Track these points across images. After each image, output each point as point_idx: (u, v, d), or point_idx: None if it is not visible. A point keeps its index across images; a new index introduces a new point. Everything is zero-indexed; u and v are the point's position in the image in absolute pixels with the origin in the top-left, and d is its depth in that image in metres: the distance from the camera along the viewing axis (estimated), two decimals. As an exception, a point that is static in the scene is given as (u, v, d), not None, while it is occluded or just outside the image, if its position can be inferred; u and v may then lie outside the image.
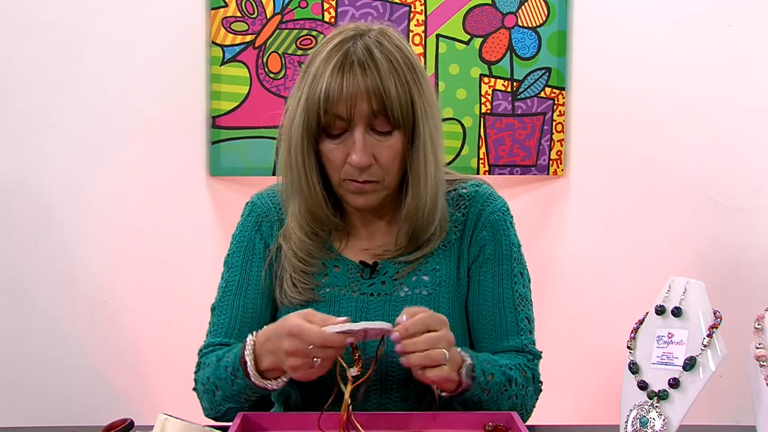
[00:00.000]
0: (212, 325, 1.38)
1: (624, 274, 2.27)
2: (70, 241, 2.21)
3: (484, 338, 1.36)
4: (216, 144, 2.20)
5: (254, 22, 2.18)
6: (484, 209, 1.39)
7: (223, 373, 1.24)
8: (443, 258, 1.37)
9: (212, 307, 1.40)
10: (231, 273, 1.40)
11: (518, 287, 1.38)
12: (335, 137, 1.27)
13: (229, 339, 1.34)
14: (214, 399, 1.28)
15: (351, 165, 1.27)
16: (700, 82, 2.24)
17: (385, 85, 1.24)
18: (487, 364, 1.26)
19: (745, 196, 2.25)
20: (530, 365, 1.35)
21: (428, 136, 1.29)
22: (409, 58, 1.29)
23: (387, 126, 1.26)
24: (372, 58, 1.25)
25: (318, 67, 1.26)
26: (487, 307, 1.36)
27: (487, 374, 1.24)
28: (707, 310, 1.16)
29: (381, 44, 1.27)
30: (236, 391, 1.24)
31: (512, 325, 1.35)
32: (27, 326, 2.21)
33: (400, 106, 1.25)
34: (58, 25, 2.16)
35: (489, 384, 1.24)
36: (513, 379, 1.28)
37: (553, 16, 2.23)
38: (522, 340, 1.35)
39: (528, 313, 1.38)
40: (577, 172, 2.29)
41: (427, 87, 1.31)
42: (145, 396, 2.24)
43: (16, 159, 2.18)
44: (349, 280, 1.36)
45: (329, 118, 1.25)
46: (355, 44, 1.26)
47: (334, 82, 1.23)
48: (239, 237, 1.42)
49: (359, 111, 1.24)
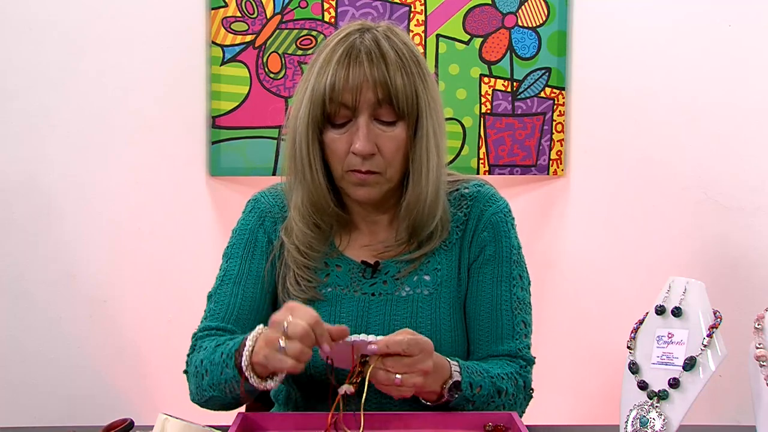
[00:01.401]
0: (208, 310, 1.37)
1: (624, 274, 2.27)
2: (70, 241, 2.21)
3: (480, 340, 1.36)
4: (216, 144, 2.20)
5: (254, 22, 2.18)
6: (485, 210, 1.39)
7: (217, 358, 1.22)
8: (444, 258, 1.37)
9: (209, 294, 1.38)
10: (231, 263, 1.38)
11: (516, 290, 1.38)
12: (339, 126, 1.28)
13: (225, 324, 1.32)
14: (201, 383, 1.26)
15: (354, 153, 1.27)
16: (700, 82, 2.24)
17: (391, 74, 1.25)
18: (477, 375, 1.26)
19: (745, 196, 2.25)
20: (522, 372, 1.34)
21: (431, 129, 1.30)
22: (415, 54, 1.31)
23: (392, 116, 1.27)
24: (379, 48, 1.26)
25: (324, 59, 1.27)
26: (484, 309, 1.36)
27: (474, 387, 1.25)
28: (707, 310, 1.16)
29: (388, 38, 1.29)
30: (223, 380, 1.21)
31: (508, 328, 1.35)
32: (27, 326, 2.21)
33: (406, 96, 1.26)
34: (58, 25, 2.16)
35: (475, 396, 1.25)
36: (503, 390, 1.29)
37: (553, 16, 2.23)
38: (516, 345, 1.35)
39: (525, 317, 1.38)
40: (577, 172, 2.29)
41: (432, 84, 1.32)
42: (145, 396, 2.24)
43: (16, 159, 2.18)
44: (350, 279, 1.36)
45: (334, 107, 1.26)
46: (362, 36, 1.28)
47: (340, 71, 1.25)
48: (240, 230, 1.41)
49: (365, 100, 1.25)
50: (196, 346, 1.32)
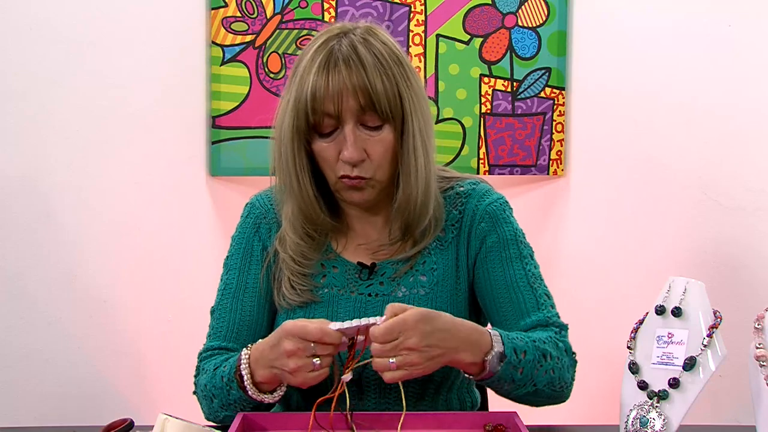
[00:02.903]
0: (211, 328, 1.39)
1: (624, 274, 2.27)
2: (70, 241, 2.21)
3: (506, 320, 1.32)
4: (216, 144, 2.20)
5: (254, 22, 2.18)
6: (480, 204, 1.38)
7: (219, 382, 1.25)
8: (441, 257, 1.37)
9: (211, 310, 1.40)
10: (229, 275, 1.40)
11: (530, 267, 1.35)
12: (326, 136, 1.28)
13: (227, 343, 1.35)
14: (212, 406, 1.29)
15: (343, 161, 1.27)
16: (700, 82, 2.24)
17: (371, 80, 1.24)
18: (518, 341, 1.22)
19: (745, 196, 2.25)
20: (560, 337, 1.30)
21: (417, 128, 1.29)
22: (396, 54, 1.29)
23: (376, 120, 1.27)
24: (357, 54, 1.25)
25: (304, 67, 1.27)
26: (500, 289, 1.34)
27: (519, 352, 1.21)
28: (707, 310, 1.16)
29: (366, 41, 1.27)
30: (232, 400, 1.24)
31: (531, 301, 1.32)
32: (27, 326, 2.21)
33: (388, 100, 1.26)
34: (58, 25, 2.16)
35: (522, 362, 1.21)
36: (548, 353, 1.25)
37: (553, 16, 2.23)
38: (545, 314, 1.32)
39: (545, 289, 1.35)
40: (577, 172, 2.29)
41: (416, 81, 1.31)
42: (145, 396, 2.24)
43: (16, 159, 2.18)
44: (347, 280, 1.36)
45: (318, 117, 1.26)
46: (339, 42, 1.27)
47: (319, 80, 1.24)
48: (238, 239, 1.42)
49: (347, 107, 1.25)
50: (201, 368, 1.34)
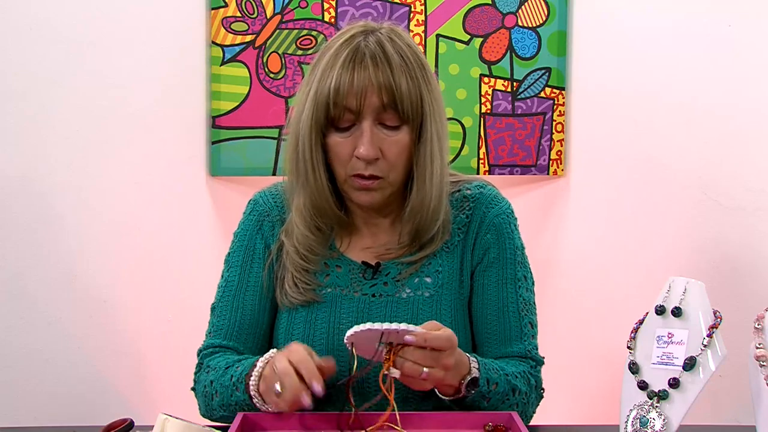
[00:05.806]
0: (211, 325, 1.38)
1: (624, 274, 2.27)
2: (70, 241, 2.21)
3: (488, 342, 1.36)
4: (216, 144, 2.20)
5: (254, 22, 2.18)
6: (488, 212, 1.38)
7: (227, 381, 1.25)
8: (446, 260, 1.37)
9: (212, 306, 1.40)
10: (231, 273, 1.39)
11: (522, 291, 1.38)
12: (343, 130, 1.27)
13: (227, 341, 1.35)
14: (211, 403, 1.28)
15: (358, 158, 1.27)
16: (700, 82, 2.24)
17: (396, 79, 1.24)
18: (493, 372, 1.26)
19: (745, 196, 2.25)
20: (533, 372, 1.35)
21: (435, 133, 1.30)
22: (419, 57, 1.30)
23: (396, 120, 1.27)
24: (384, 52, 1.25)
25: (327, 61, 1.27)
26: (491, 311, 1.36)
27: (491, 383, 1.25)
28: (707, 310, 1.16)
29: (392, 40, 1.28)
30: (233, 401, 1.24)
31: (516, 330, 1.35)
32: (27, 326, 2.21)
33: (410, 100, 1.26)
34: (58, 25, 2.16)
35: (491, 393, 1.25)
36: (517, 389, 1.29)
37: (553, 16, 2.23)
38: (525, 346, 1.35)
39: (531, 318, 1.38)
40: (577, 172, 2.29)
41: (435, 87, 1.32)
42: (145, 396, 2.24)
43: (16, 159, 2.18)
44: (350, 280, 1.36)
45: (339, 111, 1.25)
46: (366, 39, 1.27)
47: (345, 75, 1.24)
48: (240, 236, 1.42)
49: (369, 104, 1.24)
50: (203, 365, 1.34)
